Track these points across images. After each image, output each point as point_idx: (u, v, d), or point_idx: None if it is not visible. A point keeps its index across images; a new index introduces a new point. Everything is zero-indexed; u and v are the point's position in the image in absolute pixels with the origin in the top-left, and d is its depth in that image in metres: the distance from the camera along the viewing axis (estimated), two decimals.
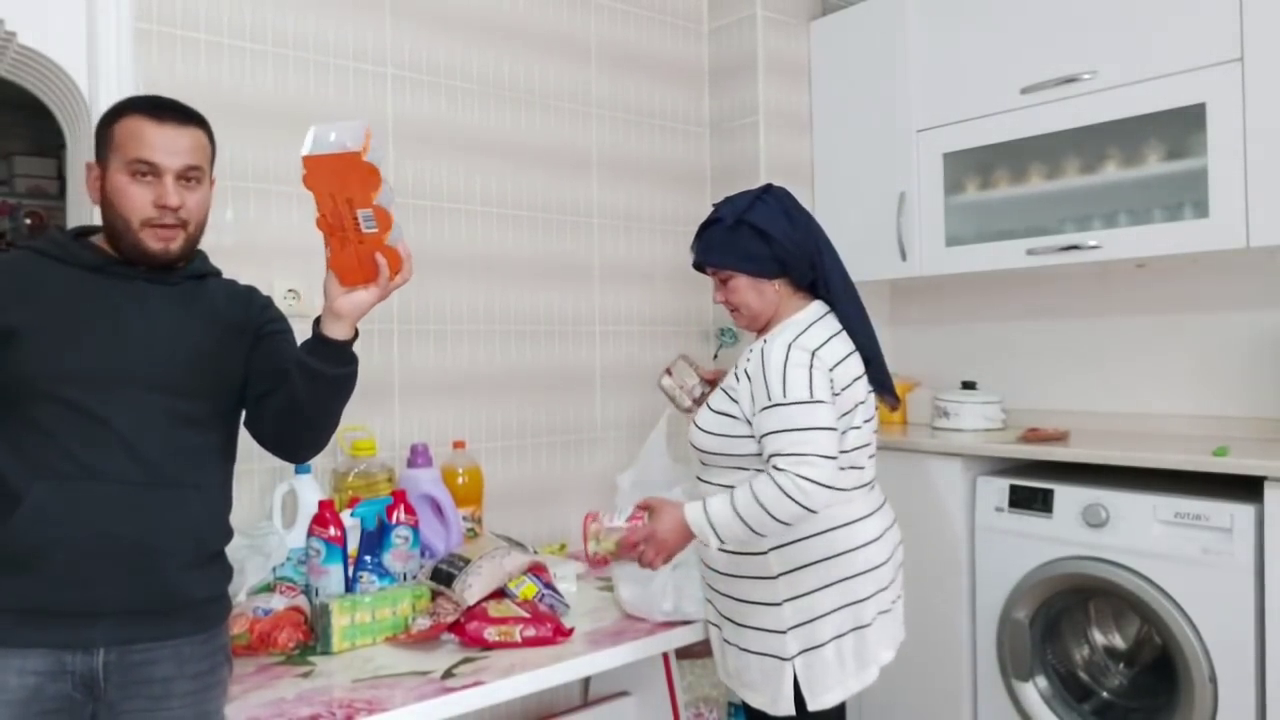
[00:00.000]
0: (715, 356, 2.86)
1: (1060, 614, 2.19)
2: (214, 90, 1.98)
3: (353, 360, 1.37)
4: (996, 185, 2.56)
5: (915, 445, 2.43)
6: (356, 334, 1.37)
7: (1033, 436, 2.34)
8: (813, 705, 1.63)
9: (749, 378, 1.65)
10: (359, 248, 1.29)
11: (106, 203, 1.32)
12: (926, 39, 2.59)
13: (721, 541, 1.59)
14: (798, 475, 1.51)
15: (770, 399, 1.59)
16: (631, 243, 2.73)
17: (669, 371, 2.02)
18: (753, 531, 1.56)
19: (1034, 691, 2.19)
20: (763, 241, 1.69)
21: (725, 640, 1.76)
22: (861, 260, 2.71)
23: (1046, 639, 2.20)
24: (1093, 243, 2.27)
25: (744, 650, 1.70)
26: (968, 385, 2.74)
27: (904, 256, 2.63)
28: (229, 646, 1.41)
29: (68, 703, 1.23)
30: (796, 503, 1.51)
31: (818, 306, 1.74)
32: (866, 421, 1.71)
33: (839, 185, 2.81)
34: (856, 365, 1.70)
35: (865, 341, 1.73)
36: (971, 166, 2.58)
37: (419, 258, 2.25)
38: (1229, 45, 2.03)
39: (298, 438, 1.44)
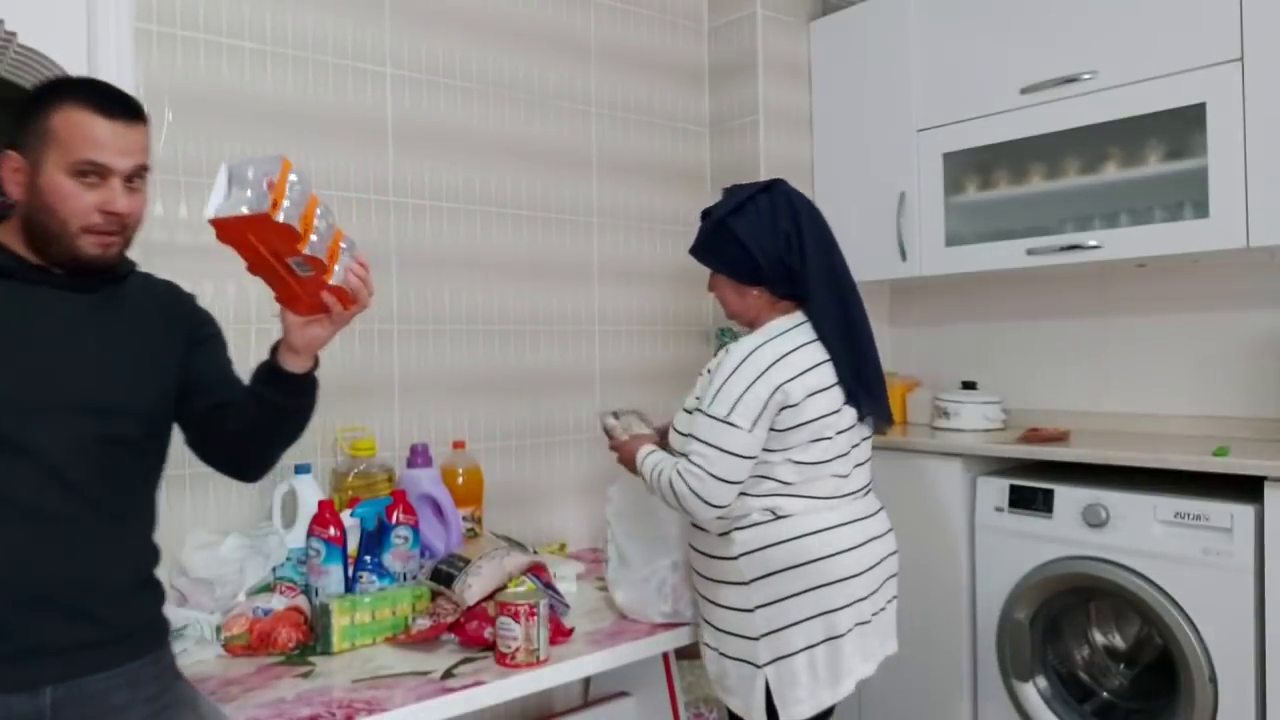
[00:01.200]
0: (715, 355, 2.86)
1: (1060, 614, 2.19)
2: (214, 90, 1.98)
3: (310, 389, 1.28)
4: (996, 185, 2.56)
5: (915, 445, 2.43)
6: (317, 362, 1.29)
7: (1033, 436, 2.34)
8: (784, 715, 1.60)
9: (710, 375, 1.68)
10: (301, 287, 1.21)
11: (38, 204, 1.17)
12: (926, 39, 2.59)
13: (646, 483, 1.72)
14: (689, 488, 1.58)
15: (702, 402, 1.63)
16: (631, 243, 2.73)
17: (616, 415, 1.97)
18: (659, 497, 1.68)
19: (1034, 692, 2.19)
20: (740, 250, 1.68)
21: (705, 643, 1.75)
22: (861, 260, 2.71)
23: (1047, 639, 2.20)
24: (1093, 243, 2.27)
25: (722, 655, 1.69)
26: (968, 385, 2.75)
27: (904, 256, 2.62)
28: (175, 663, 1.36)
29: None
30: (685, 508, 1.61)
31: (796, 315, 1.70)
32: (841, 432, 1.66)
33: (839, 185, 2.81)
34: (825, 376, 1.64)
35: (841, 354, 1.67)
36: (971, 166, 2.58)
37: (419, 258, 2.27)
38: (1229, 45, 2.03)
39: (249, 461, 1.37)
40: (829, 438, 1.64)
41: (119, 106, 1.19)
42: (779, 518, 1.62)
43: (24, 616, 1.13)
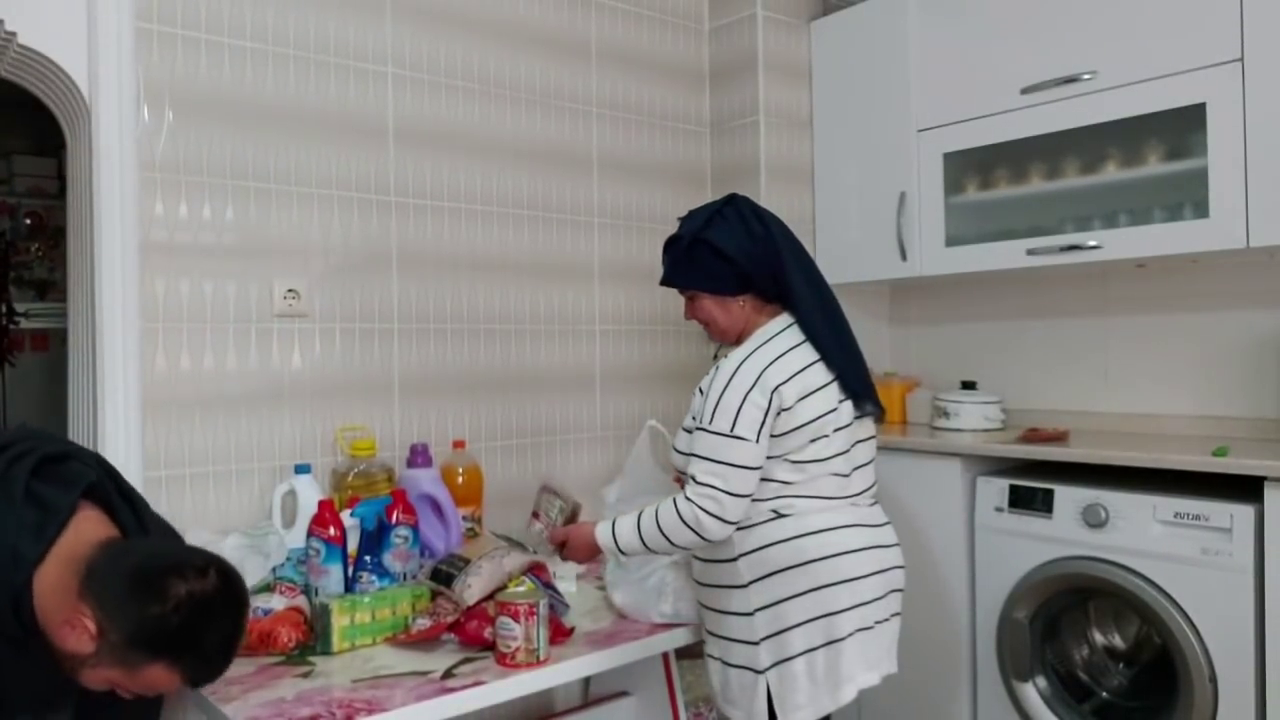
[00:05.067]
0: (715, 356, 2.86)
1: (1060, 614, 2.19)
2: (214, 90, 1.98)
3: None
4: (996, 185, 2.56)
5: (915, 445, 2.43)
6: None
7: (1033, 436, 2.34)
8: None
9: (703, 393, 1.65)
10: None
11: (81, 662, 1.17)
12: (927, 39, 2.59)
13: (626, 556, 1.71)
14: (699, 508, 1.56)
15: (700, 420, 1.62)
16: (631, 243, 2.73)
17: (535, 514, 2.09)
18: (653, 552, 1.66)
19: (1034, 691, 2.19)
20: (722, 260, 1.67)
21: (709, 655, 1.72)
22: (861, 260, 2.73)
23: (1046, 639, 2.20)
24: (1093, 243, 2.27)
25: (725, 664, 1.66)
26: (968, 385, 2.75)
27: (904, 256, 2.62)
28: None
29: None
30: (694, 532, 1.57)
31: (783, 319, 1.70)
32: (838, 430, 1.64)
33: (839, 185, 2.81)
34: (819, 375, 1.64)
35: (832, 351, 1.67)
36: (972, 166, 2.58)
37: (419, 258, 2.28)
38: (1229, 45, 2.03)
39: None
40: (826, 435, 1.63)
41: (206, 679, 1.23)
42: (780, 517, 1.61)
43: None
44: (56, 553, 1.18)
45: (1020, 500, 2.22)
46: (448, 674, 1.54)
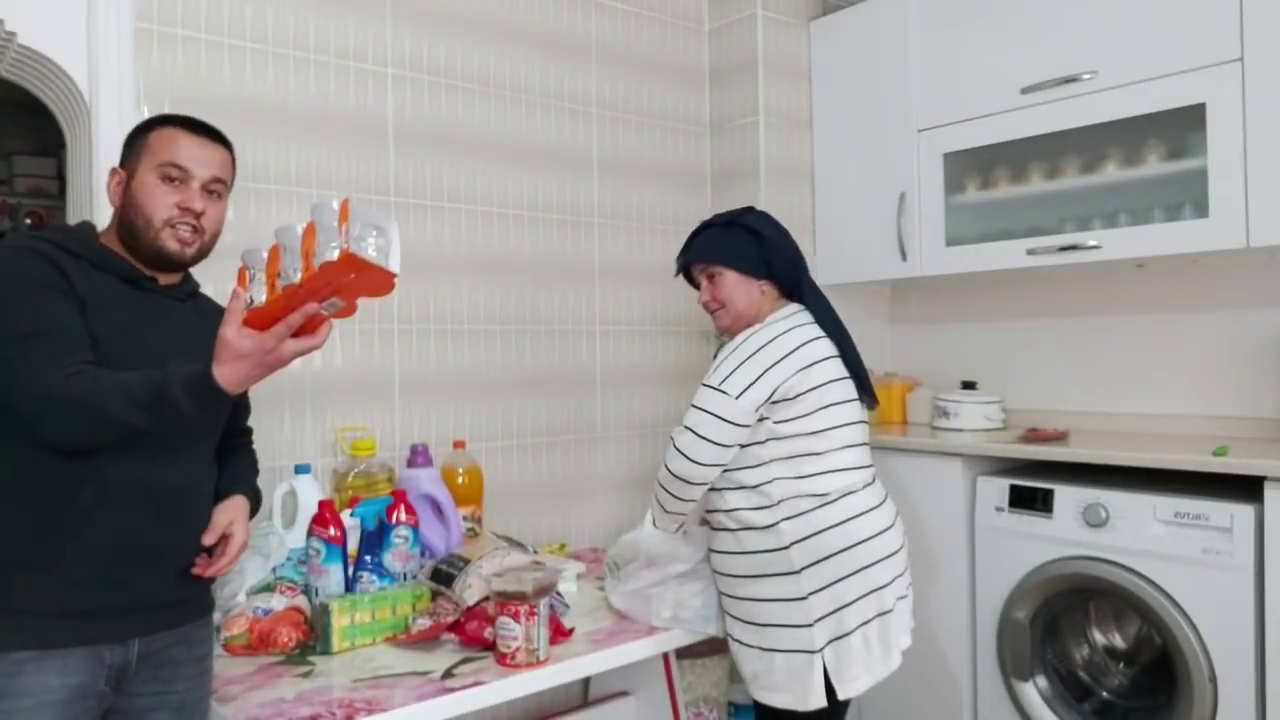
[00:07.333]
0: (715, 355, 2.86)
1: (1060, 614, 2.19)
2: (214, 90, 1.98)
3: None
4: (997, 185, 2.56)
5: (915, 445, 2.43)
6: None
7: (1033, 436, 2.34)
8: (842, 694, 1.67)
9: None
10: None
11: (129, 203, 1.37)
12: (927, 39, 2.59)
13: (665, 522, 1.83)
14: (674, 444, 1.71)
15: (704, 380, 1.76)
16: (631, 243, 2.73)
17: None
18: (675, 497, 1.74)
19: (1034, 691, 2.19)
20: (754, 242, 1.83)
21: (744, 643, 1.76)
22: (861, 260, 2.73)
23: (1046, 639, 2.20)
24: (1093, 243, 2.27)
25: (767, 650, 1.71)
26: (968, 385, 2.75)
27: (904, 256, 2.62)
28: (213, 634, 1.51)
29: (98, 698, 1.28)
30: (667, 466, 1.72)
31: (795, 307, 1.83)
32: (850, 402, 1.77)
33: (839, 185, 2.81)
34: (831, 347, 1.77)
35: (837, 336, 1.81)
36: (972, 166, 2.58)
37: (420, 257, 2.27)
38: (1229, 45, 2.03)
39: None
40: (840, 402, 1.75)
41: (203, 128, 1.41)
42: (824, 505, 1.70)
43: (122, 577, 1.29)
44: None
45: (1020, 500, 2.22)
46: (448, 674, 1.55)
